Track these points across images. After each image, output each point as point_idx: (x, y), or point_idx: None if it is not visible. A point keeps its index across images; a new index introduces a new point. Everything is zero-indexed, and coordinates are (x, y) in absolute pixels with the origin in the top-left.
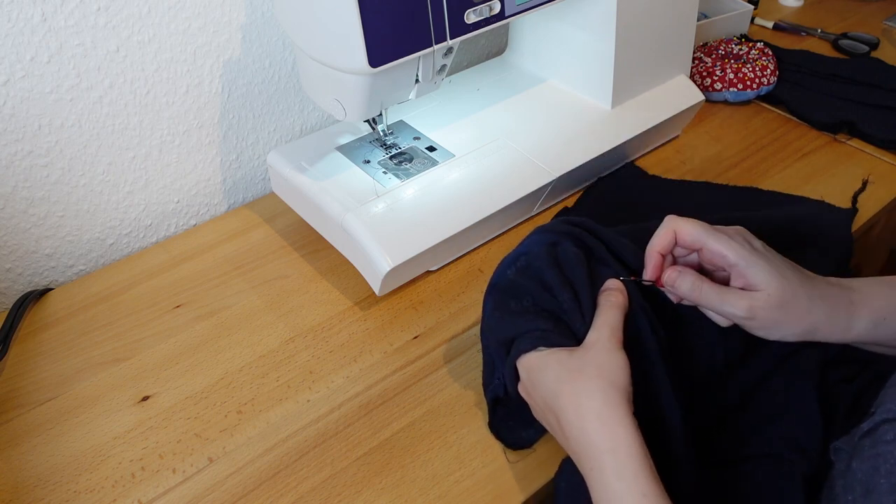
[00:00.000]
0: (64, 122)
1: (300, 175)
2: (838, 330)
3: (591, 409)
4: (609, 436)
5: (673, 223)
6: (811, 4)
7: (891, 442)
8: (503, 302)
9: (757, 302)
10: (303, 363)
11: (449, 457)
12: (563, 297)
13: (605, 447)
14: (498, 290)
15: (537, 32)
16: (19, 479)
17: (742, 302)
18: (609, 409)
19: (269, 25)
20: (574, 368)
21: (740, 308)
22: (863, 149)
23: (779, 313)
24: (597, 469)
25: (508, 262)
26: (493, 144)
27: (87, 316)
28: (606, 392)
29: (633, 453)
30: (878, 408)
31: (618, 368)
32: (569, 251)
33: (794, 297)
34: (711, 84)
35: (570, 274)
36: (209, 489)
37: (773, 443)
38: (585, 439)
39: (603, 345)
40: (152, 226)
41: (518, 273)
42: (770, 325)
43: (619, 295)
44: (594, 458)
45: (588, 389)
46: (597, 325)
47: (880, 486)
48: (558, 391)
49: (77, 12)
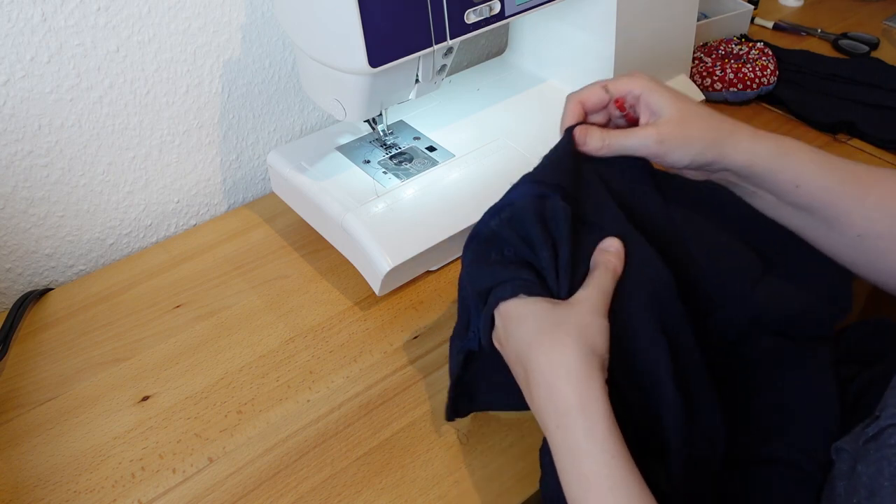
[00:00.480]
0: (64, 122)
1: (300, 175)
2: (741, 148)
3: (563, 364)
4: (581, 394)
5: (576, 95)
6: (811, 4)
7: (895, 445)
8: (484, 252)
9: (661, 127)
10: (303, 363)
11: (449, 457)
12: (543, 255)
13: (574, 404)
14: (479, 239)
15: (537, 32)
16: (19, 479)
17: (649, 130)
18: (585, 369)
19: (269, 25)
20: (554, 322)
21: (648, 136)
22: (863, 149)
23: (683, 129)
24: (562, 427)
25: (493, 211)
26: (493, 144)
27: (87, 316)
28: (583, 352)
29: (603, 414)
30: (882, 411)
31: (598, 333)
32: (556, 206)
33: (694, 113)
34: (711, 84)
35: (554, 231)
36: (209, 489)
37: (790, 450)
38: (554, 395)
39: (590, 306)
40: (152, 226)
41: (501, 224)
42: (679, 145)
43: (615, 260)
44: (561, 414)
45: (564, 345)
46: (588, 284)
47: (884, 488)
48: (532, 342)
49: (77, 12)
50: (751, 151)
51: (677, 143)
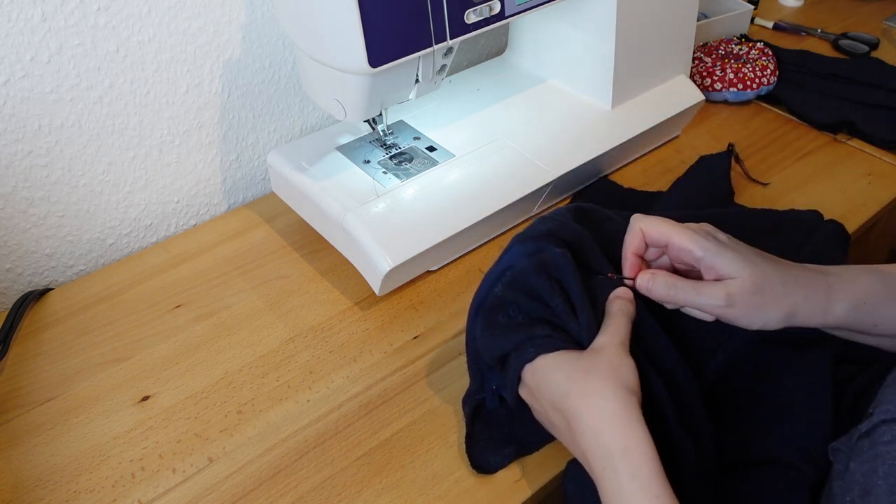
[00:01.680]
0: (64, 122)
1: (300, 175)
2: (817, 313)
3: (605, 409)
4: (623, 437)
5: (639, 222)
6: (811, 4)
7: (889, 443)
8: (492, 318)
9: (733, 289)
10: (303, 363)
11: (449, 457)
12: (555, 302)
13: (619, 448)
14: (486, 307)
15: (537, 32)
16: (19, 479)
17: (719, 291)
18: (624, 409)
19: (269, 25)
20: (584, 369)
21: (718, 297)
22: (863, 149)
23: (756, 298)
24: (609, 469)
25: (494, 278)
26: (493, 144)
27: (87, 316)
28: (619, 393)
29: (647, 455)
30: (875, 409)
31: (630, 372)
32: (554, 254)
33: (767, 280)
34: (711, 84)
35: (559, 277)
36: (209, 489)
37: (784, 449)
38: (598, 440)
39: (615, 348)
40: (152, 226)
41: (505, 288)
42: (750, 312)
43: (627, 304)
44: (607, 458)
45: (601, 390)
46: (607, 330)
47: (878, 486)
48: (568, 391)
49: (77, 12)
50: (826, 314)
51: (749, 309)
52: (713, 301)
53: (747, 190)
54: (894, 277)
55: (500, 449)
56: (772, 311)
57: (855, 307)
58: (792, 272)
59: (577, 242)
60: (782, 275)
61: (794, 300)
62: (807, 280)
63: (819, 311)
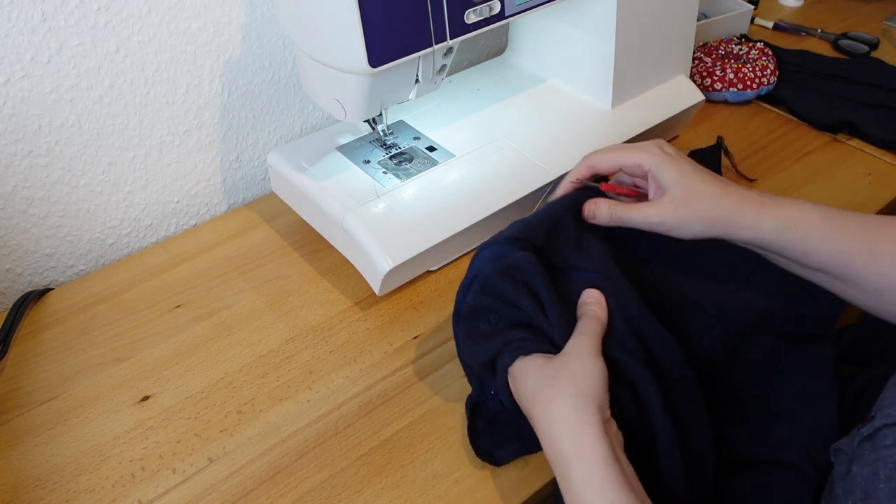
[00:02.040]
0: (64, 122)
1: (300, 175)
2: (745, 226)
3: (560, 416)
4: (576, 444)
5: (589, 158)
6: (811, 4)
7: (890, 447)
8: (473, 327)
9: (662, 206)
10: (303, 363)
11: (449, 457)
12: (523, 303)
13: (572, 455)
14: (462, 317)
15: (537, 32)
16: (19, 479)
17: (649, 209)
18: (578, 416)
19: (269, 25)
20: (549, 375)
21: (650, 215)
22: (863, 149)
23: (684, 210)
24: (564, 477)
25: (464, 288)
26: (493, 144)
27: (87, 316)
28: (576, 399)
29: (602, 460)
30: (877, 412)
31: (591, 376)
32: (517, 258)
33: (696, 193)
34: (711, 84)
35: (525, 279)
36: (209, 489)
37: (787, 449)
38: (554, 447)
39: (579, 351)
40: (152, 226)
41: (476, 296)
42: (680, 224)
43: (597, 308)
44: (563, 465)
45: (559, 397)
46: (575, 332)
47: (879, 490)
48: (532, 397)
49: (77, 12)
50: (754, 229)
51: (678, 222)
52: (647, 218)
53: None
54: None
55: (505, 445)
56: (698, 223)
57: (784, 227)
58: (726, 187)
59: (544, 240)
60: (713, 188)
61: (722, 212)
62: (739, 195)
63: (747, 226)
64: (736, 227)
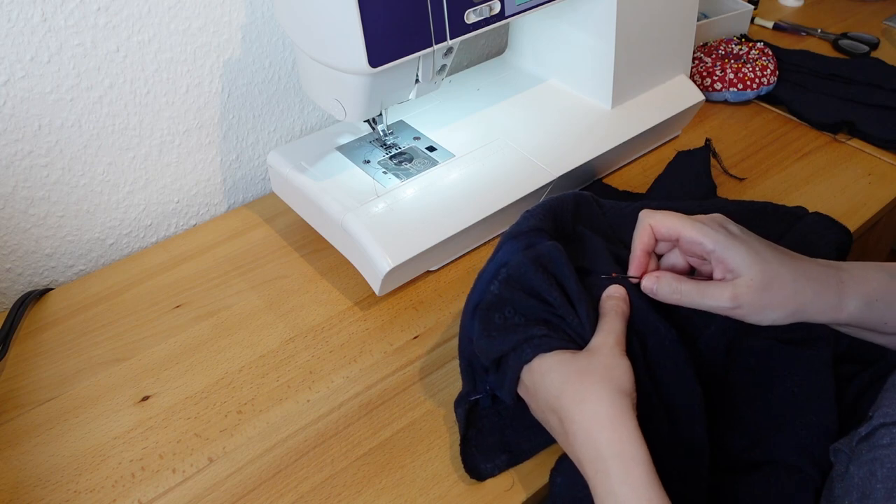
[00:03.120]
0: (64, 122)
1: (300, 175)
2: (828, 309)
3: (597, 412)
4: (615, 440)
5: (648, 218)
6: (811, 4)
7: (887, 446)
8: (489, 319)
9: (739, 289)
10: (303, 363)
11: (449, 457)
12: (553, 296)
13: (611, 451)
14: (483, 307)
15: (537, 32)
16: (19, 479)
17: (724, 293)
18: (617, 412)
19: (269, 25)
20: (579, 370)
21: (724, 299)
22: (863, 149)
23: (764, 296)
24: (601, 472)
25: (489, 276)
26: (493, 144)
27: (87, 316)
28: (613, 396)
29: (640, 459)
30: (875, 412)
31: (623, 373)
32: (548, 247)
33: (776, 277)
34: (711, 84)
35: (555, 271)
36: (209, 489)
37: (788, 450)
38: (591, 443)
39: (610, 349)
40: (152, 226)
41: (502, 286)
42: (758, 310)
43: (622, 303)
44: (599, 461)
45: (595, 392)
46: (602, 329)
47: (877, 490)
48: (562, 392)
49: (77, 12)
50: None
51: (756, 308)
52: (719, 303)
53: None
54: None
55: (493, 457)
56: (780, 309)
57: (867, 304)
58: (803, 266)
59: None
60: (793, 271)
61: (804, 297)
62: (818, 275)
63: (830, 308)
64: (818, 313)
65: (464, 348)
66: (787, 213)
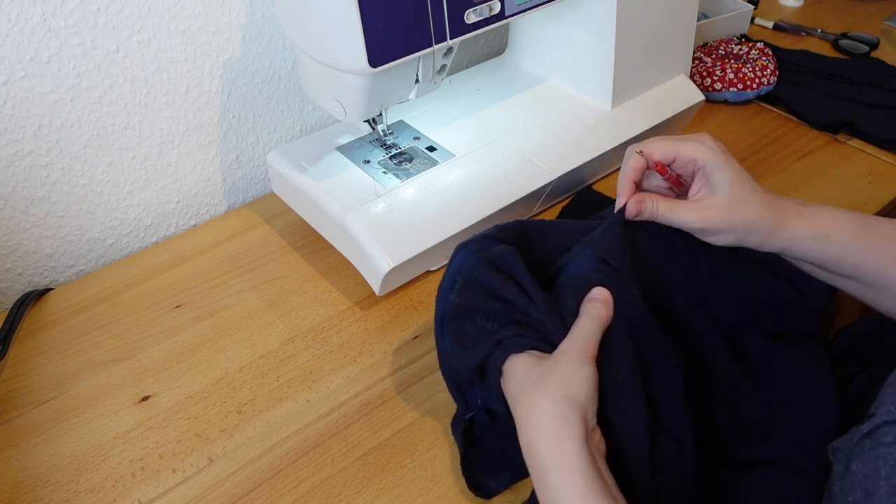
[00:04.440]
0: (64, 122)
1: (300, 175)
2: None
3: (542, 422)
4: (556, 452)
5: (640, 146)
6: (811, 4)
7: (890, 444)
8: (459, 330)
9: (706, 211)
10: (303, 363)
11: (449, 457)
12: (511, 293)
13: (551, 464)
14: (448, 319)
15: (537, 32)
16: (19, 479)
17: (693, 212)
18: (561, 425)
19: (269, 25)
20: (537, 377)
21: (692, 219)
22: (863, 149)
23: (727, 215)
24: (542, 484)
25: (446, 288)
26: (493, 144)
27: (87, 316)
28: (561, 406)
29: (581, 472)
30: (877, 409)
31: (580, 382)
32: (498, 250)
33: (744, 202)
34: (711, 84)
35: (509, 269)
36: (209, 489)
37: (792, 449)
38: (534, 453)
39: (571, 357)
40: (152, 226)
41: (460, 294)
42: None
43: (601, 308)
44: (541, 472)
45: (543, 402)
46: (571, 335)
47: (880, 488)
48: (517, 398)
49: (77, 12)
50: (790, 239)
51: (719, 227)
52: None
53: None
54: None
55: (496, 475)
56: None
57: (818, 237)
58: (769, 196)
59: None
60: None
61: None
62: (780, 206)
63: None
64: (772, 238)
65: (445, 369)
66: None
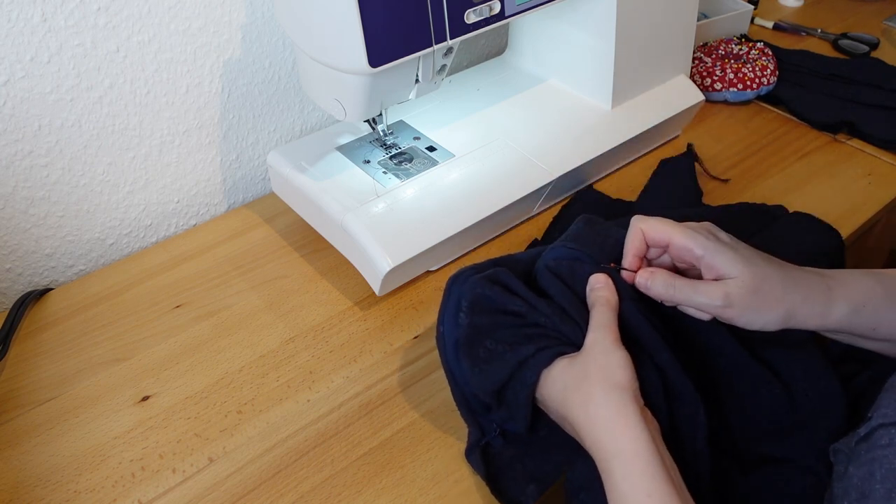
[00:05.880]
0: (64, 123)
1: (300, 175)
2: (816, 314)
3: (598, 414)
4: (615, 439)
5: (639, 223)
6: (811, 4)
7: (886, 447)
8: (473, 353)
9: (731, 288)
10: (303, 363)
11: (449, 457)
12: (517, 304)
13: (611, 450)
14: (461, 345)
15: (537, 32)
16: (19, 479)
17: (717, 290)
18: (615, 412)
19: (269, 25)
20: (577, 376)
21: (716, 297)
22: (863, 149)
23: (754, 298)
24: (606, 471)
25: (451, 314)
26: (493, 144)
27: (87, 316)
28: (610, 395)
29: (639, 453)
30: (874, 412)
31: (619, 368)
32: (498, 271)
33: (766, 280)
34: (711, 84)
35: (507, 283)
36: (209, 489)
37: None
38: (595, 444)
39: (602, 346)
40: (152, 226)
41: (470, 315)
42: (748, 312)
43: (606, 291)
44: (603, 461)
45: (595, 396)
46: (592, 325)
47: (875, 491)
48: (566, 400)
49: (77, 12)
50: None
51: (746, 309)
52: (711, 300)
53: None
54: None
55: (522, 489)
56: (770, 312)
57: (854, 310)
58: (791, 273)
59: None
60: (782, 276)
61: (792, 301)
62: (806, 282)
63: (818, 313)
64: (804, 320)
65: (457, 395)
66: (763, 212)
